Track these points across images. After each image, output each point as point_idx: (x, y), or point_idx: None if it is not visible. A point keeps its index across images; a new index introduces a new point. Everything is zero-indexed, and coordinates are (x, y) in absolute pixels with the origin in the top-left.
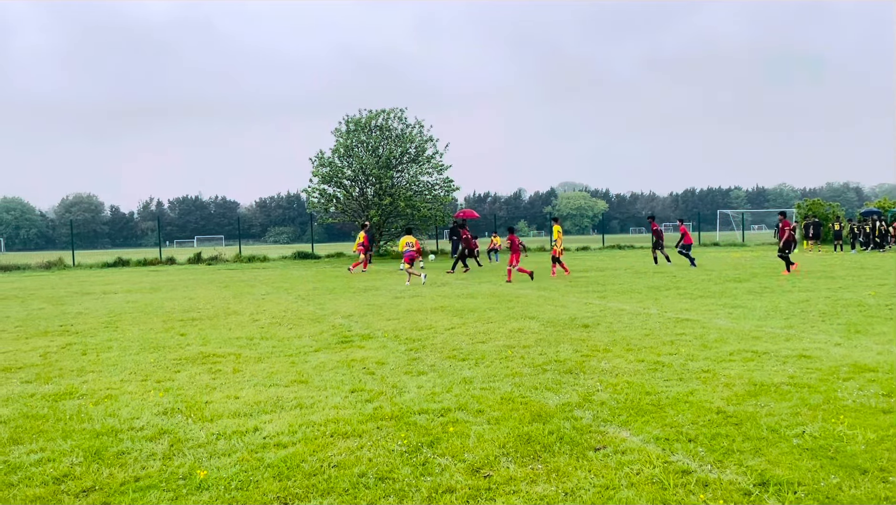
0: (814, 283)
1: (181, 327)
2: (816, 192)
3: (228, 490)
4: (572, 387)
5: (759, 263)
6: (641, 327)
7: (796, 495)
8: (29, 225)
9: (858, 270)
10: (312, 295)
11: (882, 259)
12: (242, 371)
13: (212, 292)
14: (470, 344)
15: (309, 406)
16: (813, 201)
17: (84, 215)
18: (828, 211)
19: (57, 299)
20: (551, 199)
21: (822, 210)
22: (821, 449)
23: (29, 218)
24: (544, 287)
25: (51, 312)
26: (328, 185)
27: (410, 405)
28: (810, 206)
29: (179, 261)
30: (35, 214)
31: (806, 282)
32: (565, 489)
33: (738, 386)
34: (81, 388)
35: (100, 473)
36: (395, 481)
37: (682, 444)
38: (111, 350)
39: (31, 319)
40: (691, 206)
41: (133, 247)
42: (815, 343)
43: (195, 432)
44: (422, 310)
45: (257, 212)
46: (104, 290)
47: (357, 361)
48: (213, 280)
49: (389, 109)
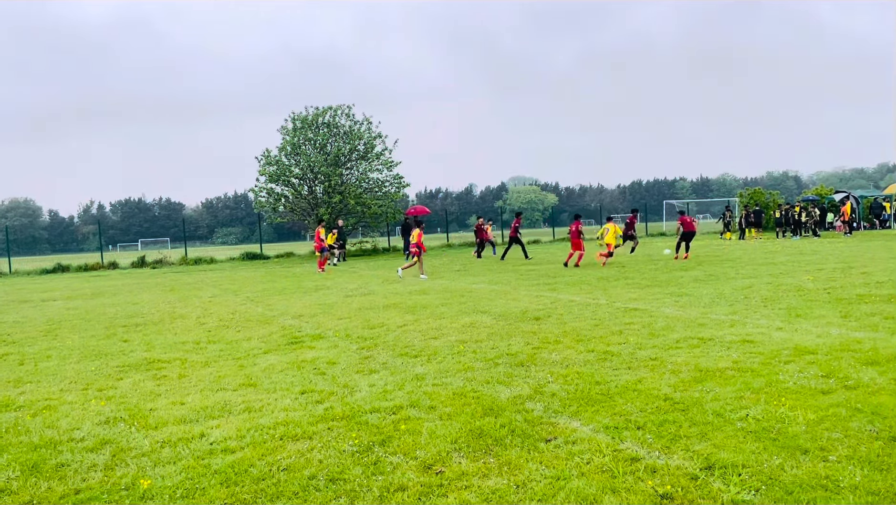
0: (756, 269)
1: (124, 333)
2: (757, 182)
3: (173, 499)
4: (524, 379)
5: (703, 251)
6: (591, 318)
7: (741, 477)
8: None
9: (798, 255)
10: (261, 296)
11: (819, 244)
12: (188, 376)
13: (157, 296)
14: (422, 340)
15: (258, 409)
16: (754, 190)
17: (21, 220)
18: (768, 199)
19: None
20: (502, 194)
21: (763, 198)
22: (764, 431)
23: None
24: (496, 281)
25: None
26: (276, 184)
27: (362, 404)
28: (752, 195)
29: (122, 265)
30: None
31: (749, 269)
32: (517, 482)
33: (684, 372)
34: (18, 399)
35: (38, 487)
36: (346, 482)
37: (631, 431)
38: (50, 359)
39: None
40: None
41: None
42: (758, 328)
43: (139, 441)
44: (373, 308)
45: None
46: (43, 297)
47: (307, 361)
48: (158, 284)
49: (336, 106)
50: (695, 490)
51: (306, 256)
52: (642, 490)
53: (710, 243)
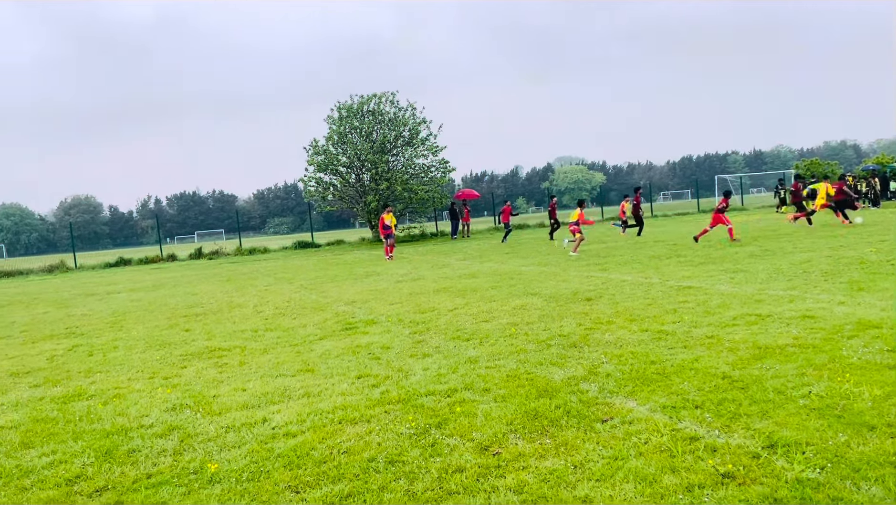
0: (815, 242)
1: (185, 323)
2: (814, 152)
3: (240, 482)
4: (577, 360)
5: (758, 226)
6: (644, 297)
7: (805, 455)
8: (29, 230)
9: (858, 227)
10: (315, 283)
11: (881, 215)
12: (248, 363)
13: (214, 287)
14: (474, 324)
15: (316, 394)
16: (811, 161)
17: (83, 217)
18: (826, 170)
19: (61, 302)
20: (548, 174)
21: (821, 170)
22: (827, 408)
23: (29, 223)
24: (546, 263)
25: (56, 316)
26: (324, 174)
27: (417, 388)
28: (808, 166)
29: (181, 257)
30: (34, 219)
31: (807, 242)
32: (574, 462)
33: (742, 350)
34: (90, 389)
35: (112, 473)
36: (404, 464)
37: (689, 411)
38: (117, 349)
39: (37, 323)
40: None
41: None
42: (819, 303)
43: (204, 427)
44: (424, 292)
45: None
46: (107, 290)
47: (362, 346)
48: (216, 274)
49: (381, 94)
50: (757, 469)
51: (356, 243)
52: (703, 469)
53: (764, 217)
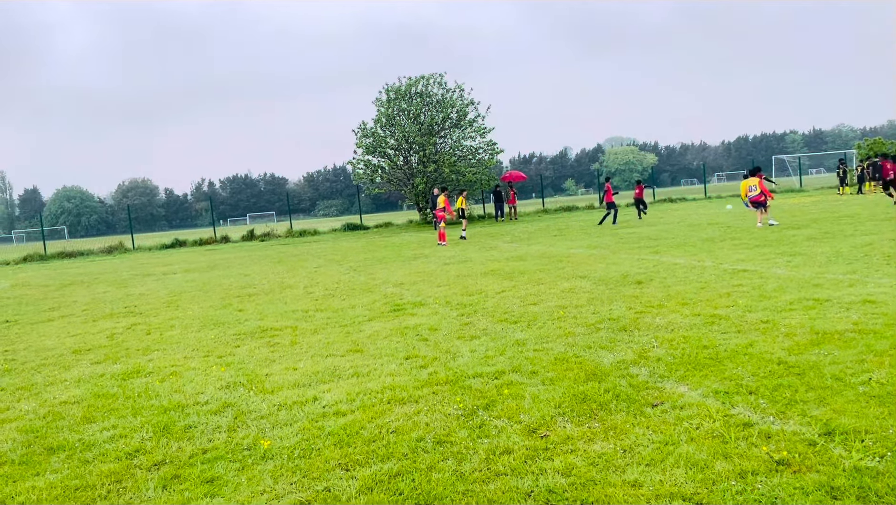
0: (877, 225)
1: (239, 303)
2: (878, 131)
3: (292, 458)
4: (627, 344)
5: (818, 207)
6: (696, 281)
7: (863, 444)
8: (89, 212)
9: None
10: (363, 265)
11: None
12: (299, 343)
13: (266, 268)
14: (521, 306)
15: (365, 374)
16: (874, 140)
17: (140, 200)
18: (890, 150)
19: (120, 282)
20: (598, 156)
21: (885, 149)
22: (889, 396)
23: (89, 205)
24: (595, 245)
25: (115, 295)
26: (372, 156)
27: (465, 369)
28: (871, 146)
29: (233, 239)
30: (94, 201)
31: (869, 225)
32: (623, 446)
33: (799, 335)
34: (147, 366)
35: (169, 447)
36: (452, 445)
37: (743, 396)
38: (174, 328)
39: (97, 302)
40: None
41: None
42: (881, 287)
43: (257, 404)
44: (472, 275)
45: (305, 186)
46: (164, 270)
47: (410, 328)
48: (267, 256)
49: (429, 75)
50: (813, 456)
51: (404, 225)
52: (756, 456)
53: (824, 199)
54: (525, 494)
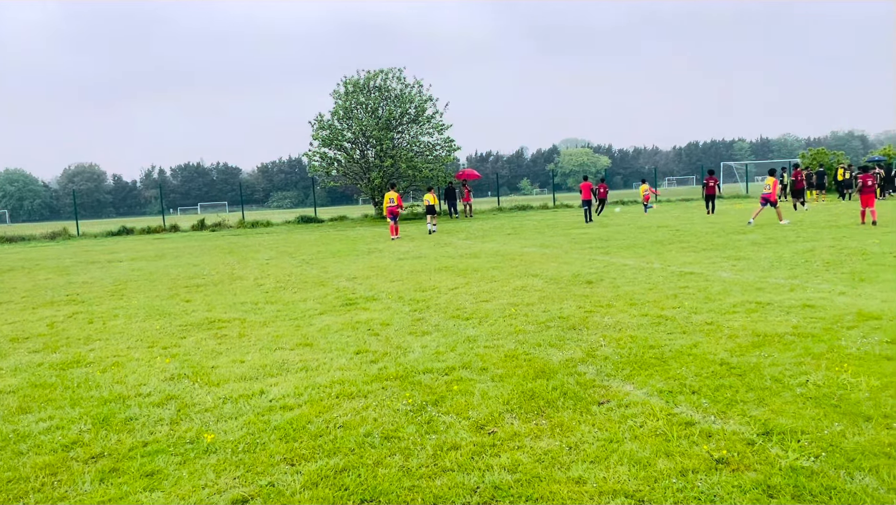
0: (818, 232)
1: (186, 294)
2: (821, 142)
3: (236, 453)
4: (576, 343)
5: (764, 214)
6: (645, 282)
7: (800, 444)
8: (33, 196)
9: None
10: (316, 258)
11: (884, 206)
12: (248, 335)
13: (216, 258)
14: (474, 303)
15: (314, 368)
16: (817, 150)
17: (87, 185)
18: (832, 160)
19: (62, 269)
20: (553, 157)
21: (827, 159)
22: (824, 397)
23: (32, 189)
24: (548, 244)
25: (57, 282)
26: (329, 149)
27: (415, 365)
28: (814, 156)
29: (183, 228)
30: (38, 185)
31: (811, 231)
32: (569, 444)
33: (741, 337)
34: (88, 356)
35: (108, 440)
36: (400, 440)
37: (686, 396)
38: (117, 318)
39: (38, 289)
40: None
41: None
42: (820, 292)
43: (202, 397)
44: (426, 271)
45: (259, 177)
46: (109, 258)
47: (362, 322)
48: (217, 246)
49: (387, 69)
50: (751, 455)
51: (359, 219)
52: (697, 454)
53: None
54: (471, 490)
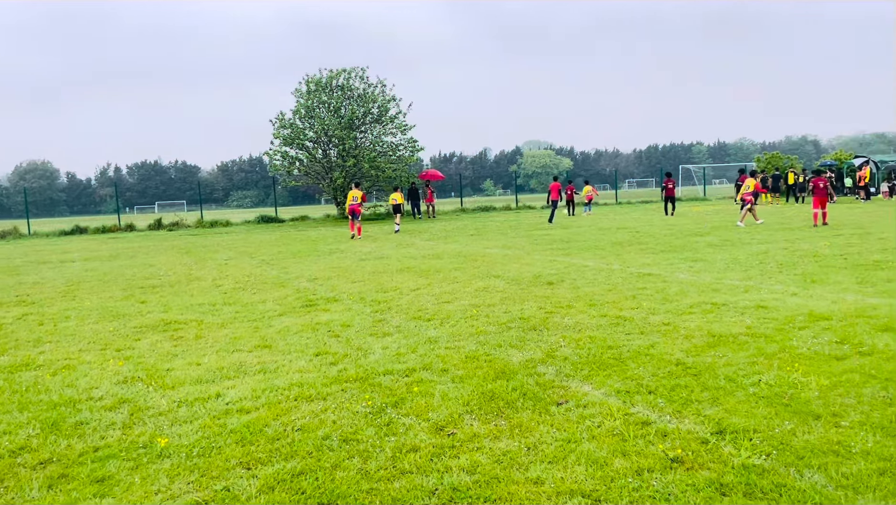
0: (772, 235)
1: (141, 295)
2: (776, 146)
3: (190, 457)
4: (536, 343)
5: (719, 216)
6: (604, 283)
7: (752, 442)
8: None
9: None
10: (276, 259)
11: (835, 210)
12: (205, 337)
13: (173, 259)
14: (435, 304)
15: (273, 371)
16: (772, 154)
17: (39, 182)
18: (786, 164)
19: (12, 269)
20: (516, 158)
21: (781, 163)
22: (776, 396)
23: None
24: (510, 245)
25: (5, 283)
26: (290, 148)
27: (375, 367)
28: (769, 160)
29: (139, 227)
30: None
31: (765, 234)
32: (528, 444)
33: (697, 338)
34: (38, 359)
35: (57, 445)
36: (359, 442)
37: (643, 396)
38: (69, 319)
39: None
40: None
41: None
42: (773, 294)
43: (156, 400)
44: (387, 271)
45: (219, 176)
46: (61, 258)
47: (322, 324)
48: (175, 246)
49: (350, 68)
50: (705, 454)
51: (321, 219)
52: (652, 453)
53: (725, 208)
54: (429, 492)
